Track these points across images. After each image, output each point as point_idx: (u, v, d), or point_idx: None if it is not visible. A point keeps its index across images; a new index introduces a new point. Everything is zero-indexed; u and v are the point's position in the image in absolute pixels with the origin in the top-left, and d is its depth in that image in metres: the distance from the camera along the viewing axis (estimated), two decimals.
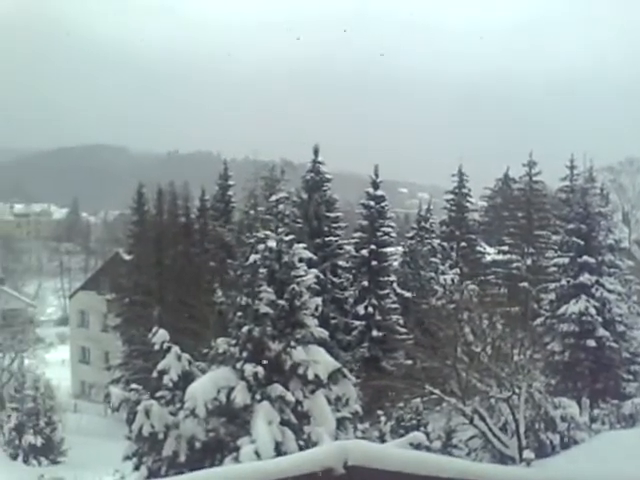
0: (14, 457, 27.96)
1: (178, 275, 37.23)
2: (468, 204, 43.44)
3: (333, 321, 31.17)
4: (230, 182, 42.37)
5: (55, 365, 45.45)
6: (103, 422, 38.03)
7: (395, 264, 36.41)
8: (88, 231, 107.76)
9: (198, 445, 10.60)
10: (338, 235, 35.59)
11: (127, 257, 41.54)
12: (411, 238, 38.86)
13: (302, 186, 35.59)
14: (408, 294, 34.58)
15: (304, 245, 12.53)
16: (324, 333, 12.04)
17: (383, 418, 19.32)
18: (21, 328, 43.10)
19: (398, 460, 2.47)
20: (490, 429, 15.16)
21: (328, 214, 35.16)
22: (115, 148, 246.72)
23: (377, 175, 35.07)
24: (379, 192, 35.06)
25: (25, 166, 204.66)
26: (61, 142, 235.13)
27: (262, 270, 11.58)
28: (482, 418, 15.25)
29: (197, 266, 38.08)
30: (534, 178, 40.04)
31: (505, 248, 40.26)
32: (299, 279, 11.61)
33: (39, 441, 28.32)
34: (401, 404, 19.17)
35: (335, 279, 33.85)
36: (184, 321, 28.74)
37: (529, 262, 38.27)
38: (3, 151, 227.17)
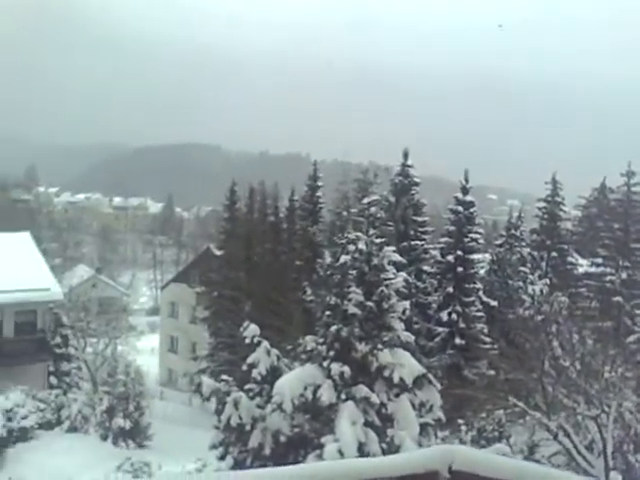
0: (104, 438, 29.14)
1: (265, 272, 38.04)
2: (561, 213, 42.04)
3: (416, 326, 30.98)
4: (319, 183, 42.85)
5: (145, 353, 47.32)
6: (187, 411, 39.35)
7: (482, 272, 35.75)
8: (181, 226, 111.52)
9: (283, 439, 10.87)
10: (424, 239, 35.31)
11: (218, 252, 42.78)
12: (500, 246, 38.04)
13: (390, 189, 35.56)
14: (494, 303, 33.88)
15: (393, 248, 12.59)
16: (410, 337, 12.07)
17: (464, 427, 19.08)
18: (115, 316, 45.10)
19: (501, 467, 2.49)
20: (575, 447, 14.70)
21: (415, 218, 34.97)
22: (210, 147, 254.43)
23: (467, 180, 34.55)
24: (468, 198, 34.52)
25: (126, 162, 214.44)
26: (160, 140, 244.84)
27: (352, 271, 11.73)
28: (567, 435, 14.80)
29: (284, 264, 38.79)
30: (632, 189, 38.28)
31: (599, 260, 38.69)
32: (388, 282, 11.68)
33: (128, 425, 29.36)
34: (483, 414, 18.88)
35: (419, 284, 33.62)
36: (269, 317, 29.29)
37: (624, 276, 36.64)
38: (107, 148, 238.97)
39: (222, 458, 11.70)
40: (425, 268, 34.63)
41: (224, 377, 12.19)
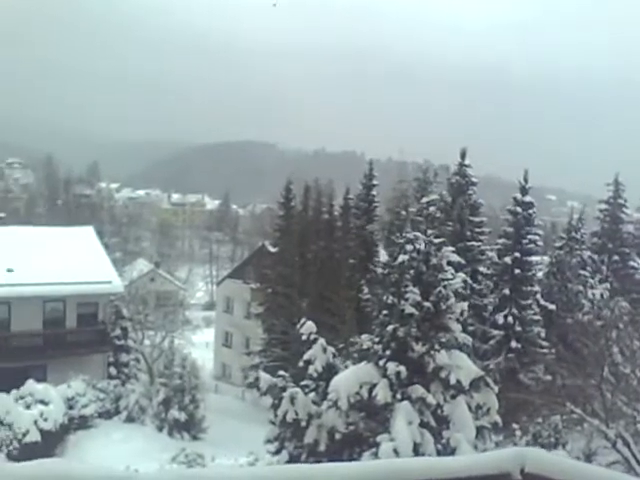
0: (160, 429, 29.80)
1: (319, 270, 38.19)
2: (623, 215, 40.74)
3: (471, 328, 30.55)
4: (374, 182, 42.73)
5: (200, 347, 48.10)
6: (240, 405, 39.88)
7: (540, 274, 34.95)
8: (237, 222, 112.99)
9: (338, 436, 10.91)
10: (481, 240, 34.76)
11: (272, 249, 43.16)
12: (559, 248, 37.13)
13: (447, 189, 35.16)
14: (552, 306, 33.09)
15: (452, 248, 12.47)
16: (468, 339, 11.94)
17: (518, 432, 18.76)
18: (172, 309, 46.00)
19: (574, 471, 2.44)
20: (634, 456, 14.28)
21: (472, 218, 34.45)
22: (266, 145, 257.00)
23: (526, 180, 33.82)
24: (527, 198, 33.81)
25: (185, 159, 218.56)
26: (218, 138, 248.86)
27: (409, 271, 11.66)
28: (626, 443, 14.39)
29: (337, 262, 38.85)
30: None
31: None
32: (446, 282, 11.58)
33: (183, 417, 29.94)
34: (539, 420, 18.52)
35: (475, 285, 33.12)
36: (322, 315, 29.36)
37: None
38: (167, 145, 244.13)
39: (277, 452, 11.83)
40: (481, 269, 34.08)
41: (281, 373, 12.32)
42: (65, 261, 30.81)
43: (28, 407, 26.13)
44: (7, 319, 29.78)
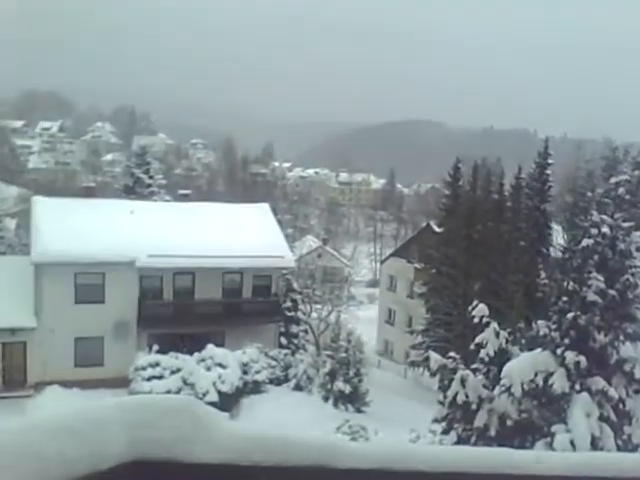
0: (325, 399, 30.92)
1: (486, 251, 37.22)
2: None
3: None
4: (549, 161, 40.64)
5: (363, 322, 49.02)
6: (402, 382, 40.22)
7: None
8: (401, 202, 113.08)
9: (509, 423, 10.71)
10: None
11: (437, 229, 42.72)
12: None
13: (633, 168, 32.60)
14: None
15: None
16: None
17: None
18: (338, 285, 47.24)
19: None
20: None
21: None
22: (434, 123, 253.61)
23: None
24: None
25: (353, 139, 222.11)
26: (386, 118, 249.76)
27: (593, 256, 11.05)
28: None
29: (506, 244, 37.61)
30: None
31: None
32: (634, 269, 10.84)
33: (347, 389, 30.82)
34: None
35: None
36: (488, 298, 28.54)
37: None
38: (336, 126, 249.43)
39: (445, 433, 11.87)
40: None
41: (451, 354, 12.29)
42: (243, 235, 32.76)
43: (208, 369, 28.33)
44: (191, 288, 32.38)
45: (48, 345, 29.10)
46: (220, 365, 28.53)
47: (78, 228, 30.05)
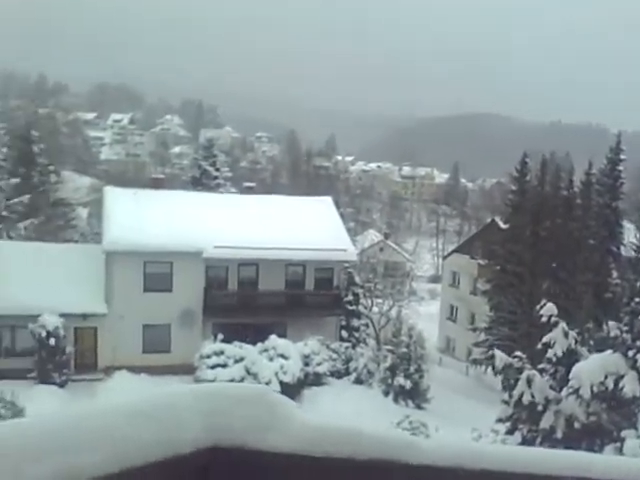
0: (386, 394, 30.88)
1: (553, 249, 36.25)
2: None
3: None
4: (621, 156, 39.22)
5: (424, 318, 48.61)
6: (463, 380, 39.69)
7: None
8: (465, 197, 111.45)
9: (577, 425, 10.42)
10: None
11: (503, 225, 41.87)
12: None
13: None
14: None
15: None
16: None
17: None
18: (399, 280, 47.08)
19: None
20: None
21: None
22: (500, 117, 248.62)
23: None
24: None
25: (417, 133, 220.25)
26: (450, 111, 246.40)
27: None
28: None
29: (575, 242, 36.52)
30: None
31: None
32: None
33: (408, 384, 30.68)
34: None
35: None
36: (554, 297, 27.80)
37: None
38: (400, 119, 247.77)
39: (509, 433, 11.65)
40: None
41: (517, 353, 12.04)
42: (306, 228, 33.00)
43: (270, 360, 28.69)
44: (255, 279, 32.86)
45: (118, 331, 30.09)
46: (282, 356, 28.86)
47: (148, 218, 30.92)
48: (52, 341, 27.64)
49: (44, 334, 27.63)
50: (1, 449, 1.16)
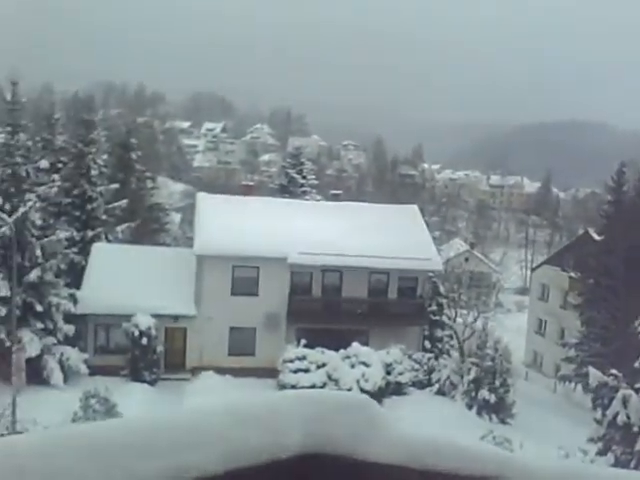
0: (469, 407, 30.25)
1: None
2: None
3: None
4: None
5: (510, 331, 47.29)
6: (551, 396, 38.34)
7: None
8: (557, 207, 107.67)
9: None
10: None
11: (597, 237, 40.29)
12: None
13: None
14: None
15: None
16: None
17: None
18: (485, 291, 45.94)
19: None
20: None
21: None
22: (595, 125, 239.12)
23: None
24: None
25: (506, 141, 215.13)
26: (541, 118, 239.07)
27: None
28: None
29: None
30: None
31: None
32: None
33: (492, 398, 29.95)
34: None
35: None
36: None
37: None
38: (487, 127, 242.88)
39: (601, 454, 11.18)
40: None
41: (613, 371, 11.55)
42: (391, 236, 32.87)
43: (352, 367, 28.76)
44: (339, 285, 33.02)
45: (205, 333, 30.99)
46: (364, 363, 28.86)
47: (237, 224, 31.74)
48: (144, 340, 28.78)
49: (137, 333, 28.83)
50: (111, 447, 1.25)
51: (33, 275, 28.01)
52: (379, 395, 28.49)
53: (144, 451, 1.29)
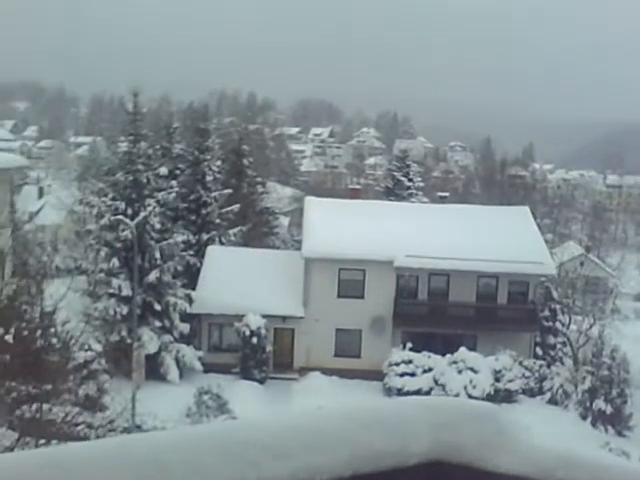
0: (583, 418, 29.04)
1: None
2: None
3: None
4: None
5: (628, 339, 44.71)
6: None
7: None
8: None
9: None
10: None
11: None
12: None
13: None
14: None
15: None
16: None
17: None
18: (601, 297, 43.73)
19: None
20: None
21: None
22: None
23: None
24: None
25: (623, 139, 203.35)
26: None
27: None
28: None
29: None
30: None
31: None
32: None
33: (609, 409, 28.67)
34: None
35: None
36: None
37: None
38: (603, 125, 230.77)
39: None
40: None
41: None
42: (500, 239, 32.00)
43: (459, 372, 28.28)
44: (446, 289, 32.54)
45: (312, 334, 31.50)
46: (472, 369, 28.31)
47: (344, 227, 32.07)
48: (254, 340, 29.65)
49: (248, 333, 29.75)
50: (245, 445, 1.31)
51: (152, 276, 29.55)
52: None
53: (276, 451, 1.34)
